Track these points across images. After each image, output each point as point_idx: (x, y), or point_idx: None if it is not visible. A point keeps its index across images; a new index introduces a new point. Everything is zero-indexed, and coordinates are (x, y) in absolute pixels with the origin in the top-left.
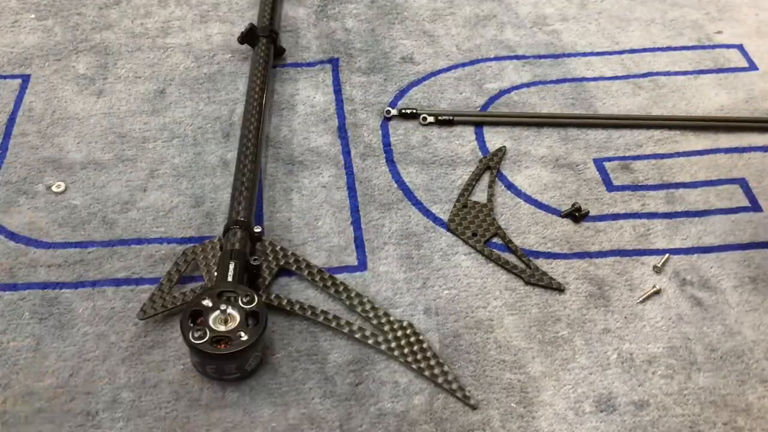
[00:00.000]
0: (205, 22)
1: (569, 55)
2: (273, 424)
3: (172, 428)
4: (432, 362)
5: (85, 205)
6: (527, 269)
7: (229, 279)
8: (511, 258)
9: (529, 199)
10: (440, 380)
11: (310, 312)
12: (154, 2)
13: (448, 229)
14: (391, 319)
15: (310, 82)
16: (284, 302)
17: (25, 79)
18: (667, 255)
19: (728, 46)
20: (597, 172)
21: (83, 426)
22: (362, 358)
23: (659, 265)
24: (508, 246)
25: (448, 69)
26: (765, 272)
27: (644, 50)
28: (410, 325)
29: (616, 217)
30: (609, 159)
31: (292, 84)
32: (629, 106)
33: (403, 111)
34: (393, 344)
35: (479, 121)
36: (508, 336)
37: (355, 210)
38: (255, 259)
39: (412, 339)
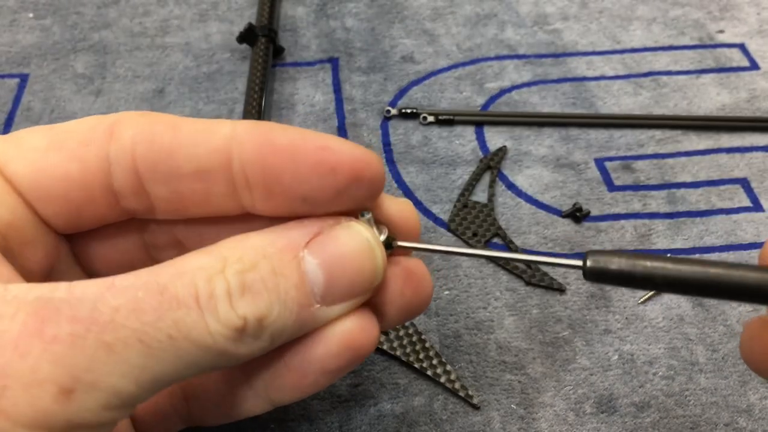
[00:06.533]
0: (204, 21)
1: (570, 55)
2: (272, 425)
3: None
4: (434, 361)
5: None
6: (528, 270)
7: None
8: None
9: (529, 199)
10: (443, 380)
11: None
12: (153, 1)
13: (449, 229)
14: None
15: (310, 82)
16: None
17: (24, 78)
18: (668, 255)
19: (730, 46)
20: (598, 172)
21: None
22: None
23: None
24: (509, 246)
25: (449, 68)
26: None
27: (645, 49)
28: (412, 324)
29: (617, 217)
30: (610, 159)
31: (292, 83)
32: (630, 105)
33: (403, 110)
34: (395, 344)
35: (480, 121)
36: (509, 337)
37: None
38: None
39: (414, 338)
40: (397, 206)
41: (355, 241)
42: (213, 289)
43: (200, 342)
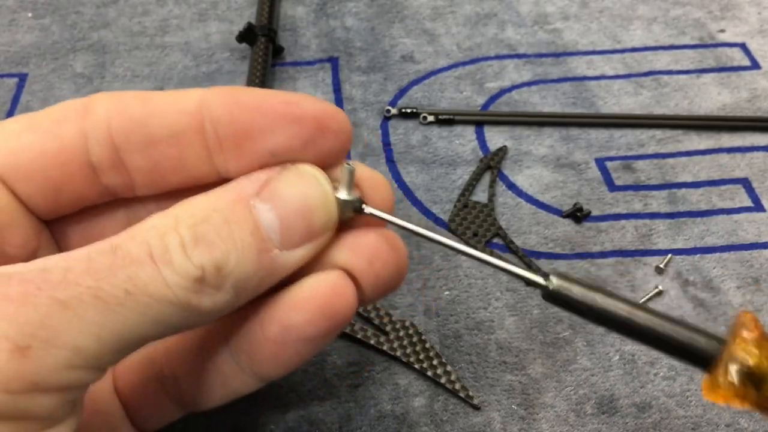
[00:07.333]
0: (203, 20)
1: (570, 54)
2: (272, 426)
3: (172, 430)
4: (435, 362)
5: None
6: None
7: None
8: (513, 259)
9: (530, 199)
10: (443, 380)
11: None
12: (152, 1)
13: (449, 230)
14: (393, 318)
15: (310, 81)
16: None
17: (22, 77)
18: (669, 255)
19: (731, 45)
20: (599, 172)
21: None
22: (362, 359)
23: (662, 266)
24: (509, 246)
25: (449, 68)
26: (767, 273)
27: (646, 49)
28: (412, 324)
29: (618, 217)
30: (611, 158)
31: (291, 83)
32: (631, 105)
33: (403, 110)
34: (395, 344)
35: (480, 121)
36: (510, 337)
37: None
38: None
39: (415, 339)
40: (368, 173)
41: (304, 180)
42: (166, 244)
43: (159, 296)
